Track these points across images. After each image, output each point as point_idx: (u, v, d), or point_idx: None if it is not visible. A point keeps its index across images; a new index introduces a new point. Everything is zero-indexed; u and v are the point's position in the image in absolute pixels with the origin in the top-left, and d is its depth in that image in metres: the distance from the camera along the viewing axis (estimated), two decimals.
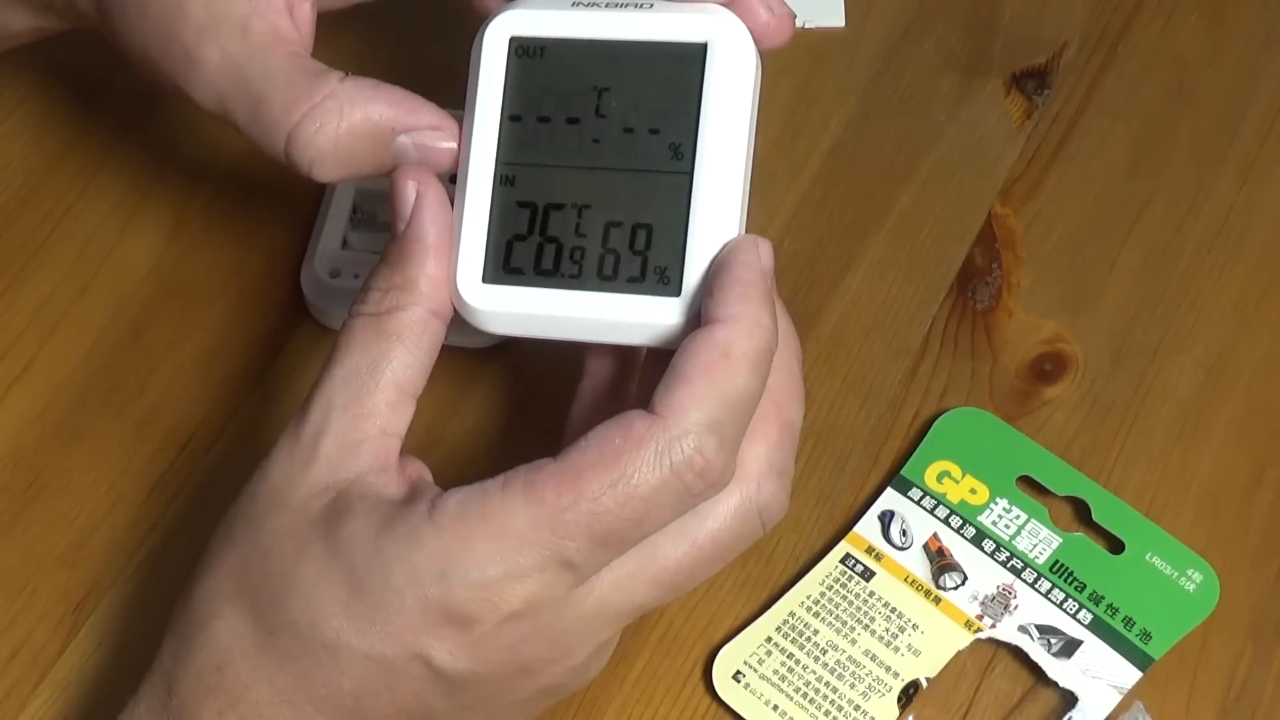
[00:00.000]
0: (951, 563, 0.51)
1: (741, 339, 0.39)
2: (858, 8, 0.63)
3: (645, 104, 0.41)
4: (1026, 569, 0.51)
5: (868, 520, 0.52)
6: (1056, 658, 0.49)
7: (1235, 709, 0.49)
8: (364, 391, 0.42)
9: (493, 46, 0.43)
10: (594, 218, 0.42)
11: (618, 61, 0.42)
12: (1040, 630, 0.50)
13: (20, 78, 0.62)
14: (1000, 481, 0.52)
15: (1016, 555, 0.51)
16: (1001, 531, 0.51)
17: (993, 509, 0.52)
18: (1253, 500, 0.53)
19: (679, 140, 0.41)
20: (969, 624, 0.50)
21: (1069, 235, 0.58)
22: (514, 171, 0.42)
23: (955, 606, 0.50)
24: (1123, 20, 0.63)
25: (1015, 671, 0.50)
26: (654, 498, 0.39)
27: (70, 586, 0.52)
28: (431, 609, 0.39)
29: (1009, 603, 0.50)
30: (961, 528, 0.51)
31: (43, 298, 0.57)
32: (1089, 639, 0.49)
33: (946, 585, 0.50)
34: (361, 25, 0.55)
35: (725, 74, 0.41)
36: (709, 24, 0.41)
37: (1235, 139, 0.60)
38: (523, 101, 0.43)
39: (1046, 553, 0.51)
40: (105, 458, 0.54)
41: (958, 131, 0.60)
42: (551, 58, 0.42)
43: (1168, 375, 0.55)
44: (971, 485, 0.52)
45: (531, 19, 0.43)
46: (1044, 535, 0.51)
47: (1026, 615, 0.50)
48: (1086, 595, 0.50)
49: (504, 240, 0.42)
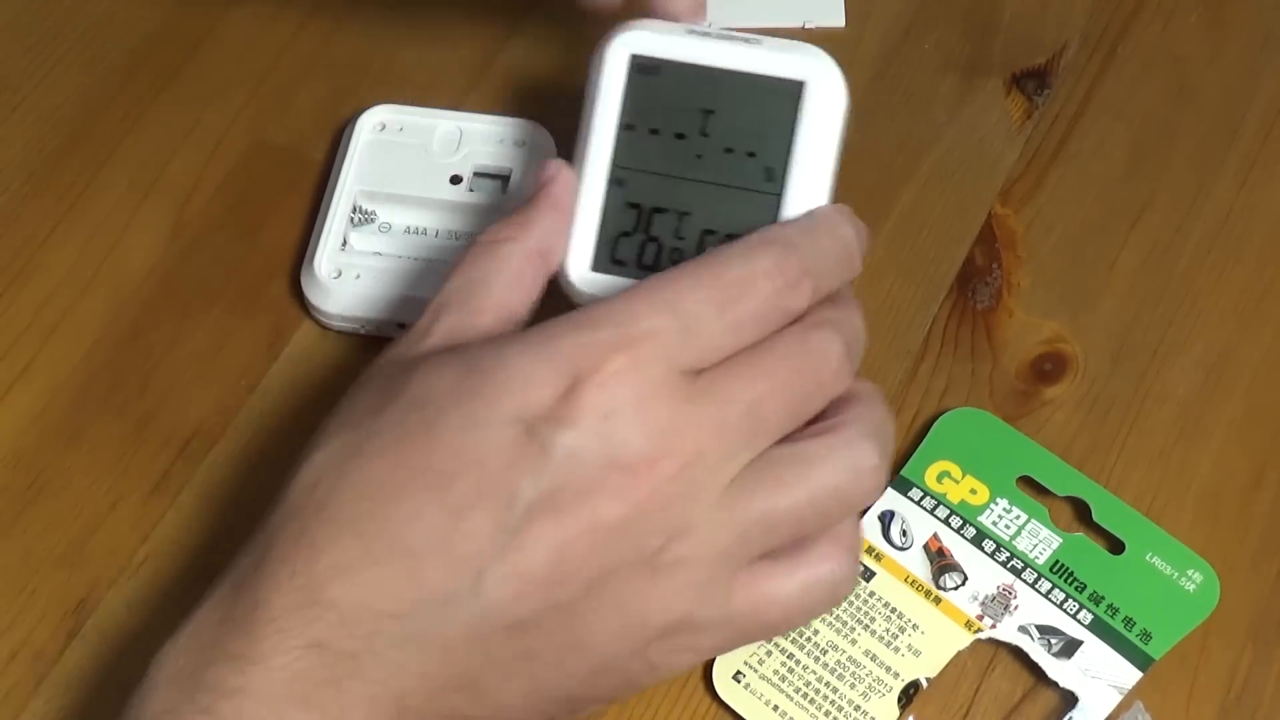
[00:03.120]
0: (952, 563, 0.51)
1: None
2: (858, 8, 0.63)
3: (745, 129, 0.47)
4: (1027, 569, 0.51)
5: (868, 521, 0.52)
6: (1057, 658, 0.49)
7: (1235, 709, 0.49)
8: (474, 296, 0.45)
9: (614, 60, 0.48)
10: (692, 224, 0.47)
11: (724, 88, 0.47)
12: (1040, 630, 0.50)
13: (21, 78, 0.62)
14: (1000, 482, 0.52)
15: (1017, 555, 0.51)
16: (1002, 532, 0.51)
17: (993, 509, 0.52)
18: (1253, 500, 0.53)
19: (773, 165, 0.47)
20: (969, 624, 0.50)
21: (1069, 235, 0.58)
22: (625, 175, 0.48)
23: (955, 607, 0.50)
24: (1123, 20, 0.63)
25: (1016, 672, 0.50)
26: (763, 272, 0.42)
27: (70, 586, 0.52)
28: (537, 369, 0.40)
29: (1009, 603, 0.50)
30: (962, 528, 0.51)
31: (43, 298, 0.57)
32: (1089, 639, 0.49)
33: (947, 585, 0.50)
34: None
35: (818, 110, 0.47)
36: (808, 65, 0.47)
37: (1235, 139, 0.60)
38: (637, 113, 0.48)
39: (1047, 553, 0.51)
40: (105, 458, 0.54)
41: (958, 131, 0.60)
42: (666, 77, 0.48)
43: (1168, 375, 0.55)
44: (972, 485, 0.52)
45: (651, 40, 0.48)
46: (1044, 535, 0.51)
47: (1027, 615, 0.50)
48: (1087, 595, 0.50)
49: (612, 235, 0.47)
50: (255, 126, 0.61)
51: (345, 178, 0.57)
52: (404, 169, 0.57)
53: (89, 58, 0.62)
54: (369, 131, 0.58)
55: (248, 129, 0.61)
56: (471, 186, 0.57)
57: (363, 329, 0.56)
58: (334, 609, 0.39)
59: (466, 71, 0.62)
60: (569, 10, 0.63)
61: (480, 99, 0.61)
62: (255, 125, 0.61)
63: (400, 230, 0.57)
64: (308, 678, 0.39)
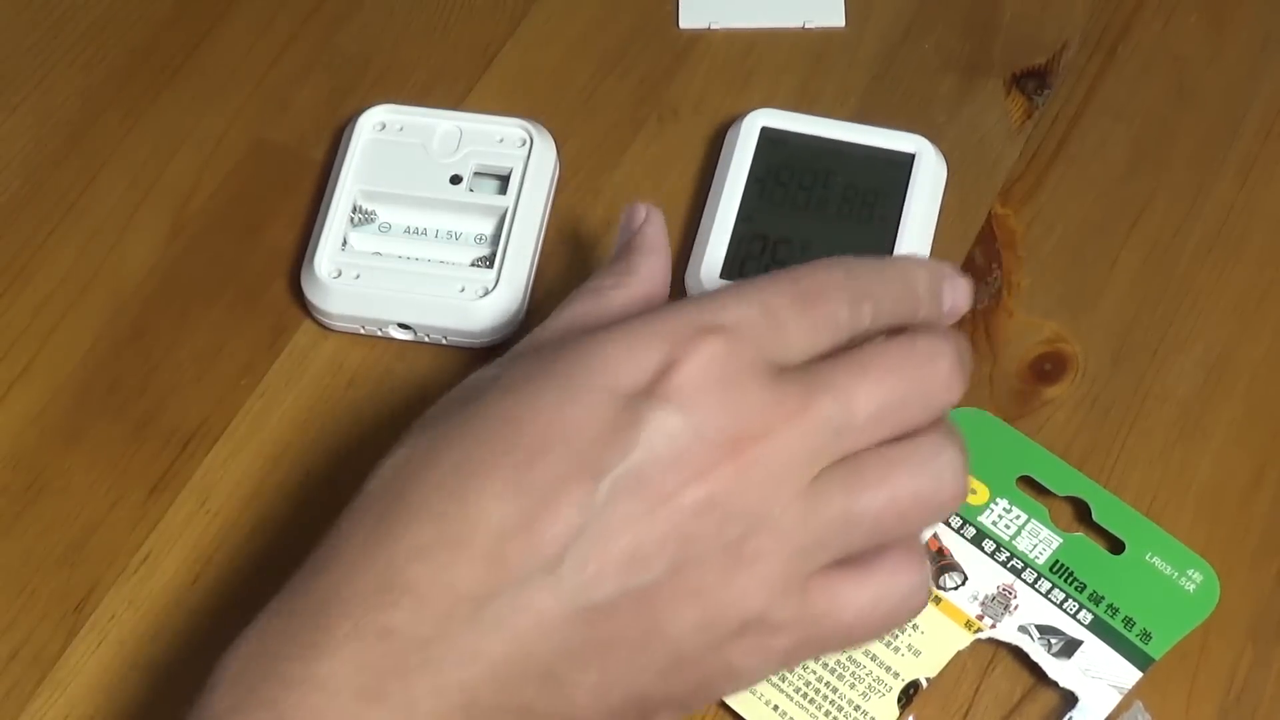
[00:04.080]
0: (951, 563, 0.51)
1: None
2: (858, 8, 0.63)
3: (862, 186, 0.57)
4: (1027, 569, 0.51)
5: None
6: (1057, 658, 0.49)
7: (1235, 709, 0.49)
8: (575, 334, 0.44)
9: (748, 131, 0.58)
10: (814, 251, 0.55)
11: (844, 156, 0.57)
12: (1040, 630, 0.50)
13: (21, 78, 0.62)
14: (1000, 482, 0.52)
15: (1017, 555, 0.51)
16: (1001, 532, 0.51)
17: (993, 509, 0.52)
18: (1253, 500, 0.53)
19: (886, 213, 0.56)
20: (969, 624, 0.50)
21: (1069, 235, 0.58)
22: (753, 213, 0.56)
23: (955, 607, 0.50)
24: (1123, 20, 0.63)
25: (1015, 671, 0.50)
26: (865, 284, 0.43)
27: (70, 586, 0.52)
28: (634, 348, 0.41)
29: (1009, 603, 0.50)
30: (961, 528, 0.51)
31: (43, 298, 0.57)
32: (1089, 639, 0.49)
33: (946, 585, 0.50)
34: None
35: (925, 175, 0.57)
36: (917, 141, 0.57)
37: (1235, 139, 0.60)
38: (765, 168, 0.57)
39: (1046, 553, 0.51)
40: (105, 458, 0.54)
41: (958, 131, 0.60)
42: (792, 145, 0.58)
43: (1168, 375, 0.55)
44: (971, 485, 0.52)
45: (780, 117, 0.58)
46: (1044, 535, 0.51)
47: (1027, 615, 0.50)
48: (1087, 595, 0.50)
49: (740, 257, 0.56)
50: (255, 126, 0.61)
51: (345, 177, 0.57)
52: (404, 169, 0.57)
53: (89, 58, 0.62)
54: (369, 131, 0.58)
55: (248, 129, 0.61)
56: (471, 186, 0.57)
57: (363, 329, 0.56)
58: (410, 592, 0.39)
59: (466, 71, 0.62)
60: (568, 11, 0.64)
61: (480, 99, 0.61)
62: (255, 125, 0.61)
63: (400, 230, 0.57)
64: (376, 667, 0.38)
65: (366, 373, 0.56)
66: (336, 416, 0.55)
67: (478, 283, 0.55)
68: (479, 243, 0.57)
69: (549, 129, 0.59)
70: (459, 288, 0.55)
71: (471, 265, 0.56)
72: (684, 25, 0.63)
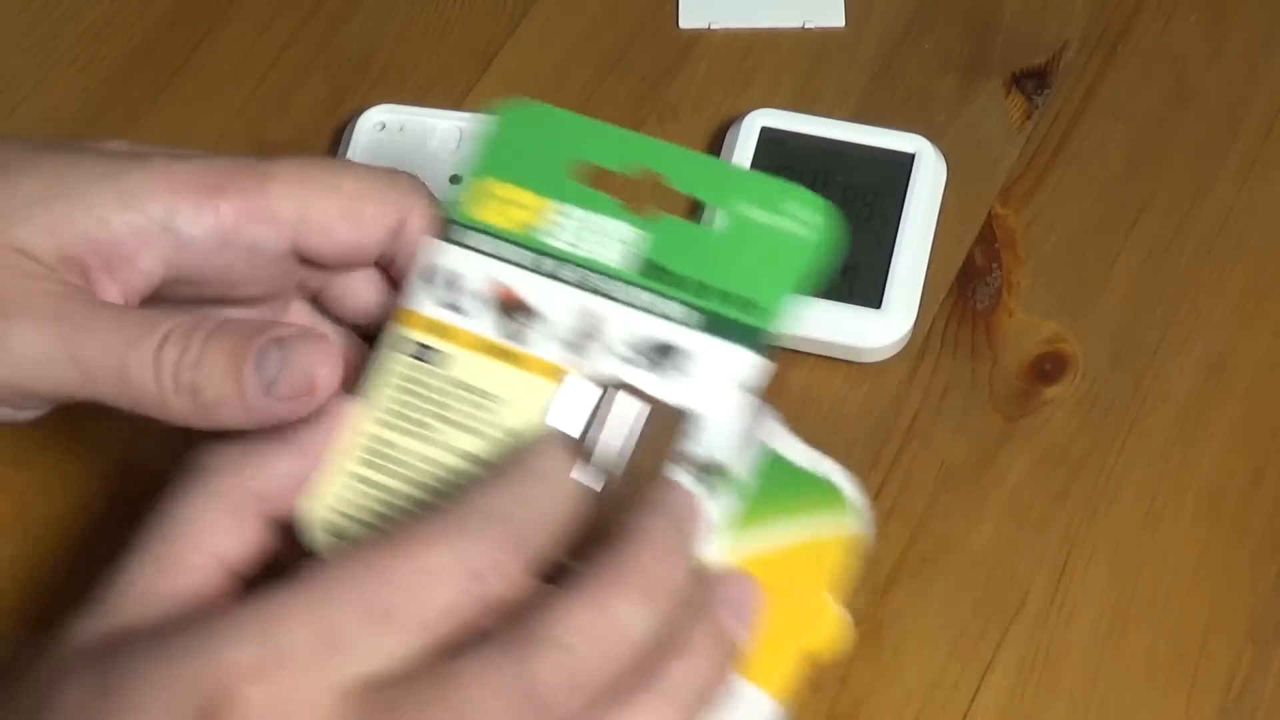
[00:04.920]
0: (519, 304, 0.42)
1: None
2: (858, 8, 0.63)
3: (862, 186, 0.57)
4: (613, 282, 0.42)
5: (415, 294, 0.42)
6: (665, 374, 0.41)
7: (1235, 709, 0.49)
8: (173, 541, 0.39)
9: (748, 131, 0.58)
10: None
11: (844, 156, 0.57)
12: (638, 350, 0.41)
13: (21, 78, 0.62)
14: (551, 180, 0.42)
15: (594, 269, 0.42)
16: (567, 245, 0.42)
17: (552, 220, 0.42)
18: (1253, 500, 0.53)
19: (886, 213, 0.56)
20: (554, 372, 0.41)
21: (1069, 235, 0.58)
22: None
23: (536, 357, 0.41)
24: (1123, 20, 0.63)
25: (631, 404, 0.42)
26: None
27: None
28: (160, 698, 0.34)
29: (596, 330, 0.41)
30: (521, 258, 0.42)
31: None
32: (698, 339, 0.41)
33: (521, 335, 0.41)
34: None
35: (925, 175, 0.57)
36: (917, 141, 0.58)
37: (1235, 139, 0.60)
38: (765, 168, 0.56)
39: (631, 254, 0.42)
40: (106, 457, 0.54)
41: (958, 131, 0.60)
42: (792, 145, 0.58)
43: (1168, 375, 0.55)
44: (522, 199, 0.42)
45: (780, 117, 0.58)
46: (622, 233, 0.42)
47: (619, 336, 0.41)
48: (689, 290, 0.42)
49: None
50: (255, 126, 0.61)
51: None
52: (404, 169, 0.57)
53: (89, 58, 0.63)
54: (369, 131, 0.58)
55: (248, 129, 0.61)
56: None
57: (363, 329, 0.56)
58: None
59: (466, 71, 0.62)
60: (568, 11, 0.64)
61: (480, 99, 0.61)
62: (255, 125, 0.61)
63: None
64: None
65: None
66: None
67: None
68: None
69: None
70: None
71: None
72: (684, 25, 0.63)
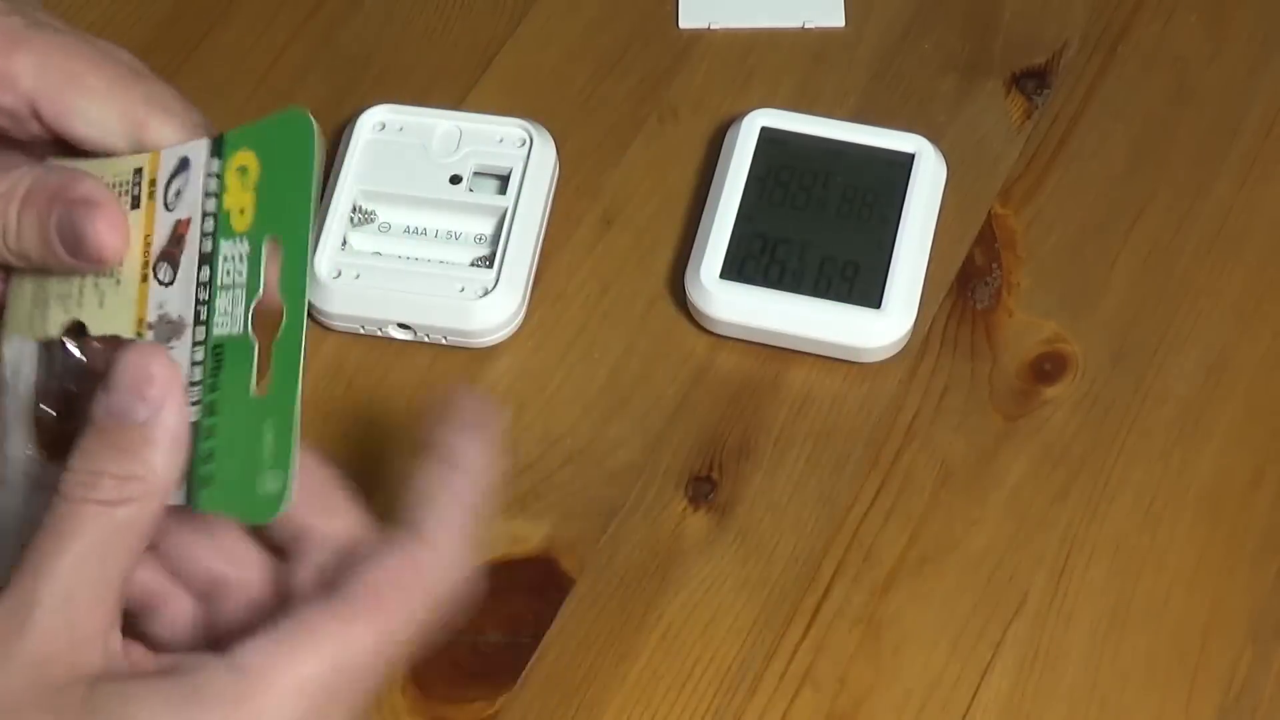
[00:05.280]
0: (175, 256, 0.41)
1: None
2: (858, 8, 0.63)
3: (862, 185, 0.57)
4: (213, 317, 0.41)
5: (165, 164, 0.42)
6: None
7: (1235, 709, 0.49)
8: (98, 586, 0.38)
9: (748, 131, 0.58)
10: (814, 251, 0.56)
11: (844, 156, 0.58)
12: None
13: None
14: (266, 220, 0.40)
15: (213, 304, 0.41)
16: (224, 276, 0.41)
17: (236, 246, 0.40)
18: (1253, 500, 0.53)
19: (886, 213, 0.56)
20: (138, 325, 0.41)
21: (1069, 235, 0.58)
22: (753, 213, 0.56)
23: (145, 301, 0.41)
24: (1123, 20, 0.63)
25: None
26: None
27: None
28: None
29: (177, 334, 0.41)
30: (205, 239, 0.41)
31: None
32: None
33: (158, 274, 0.41)
34: None
35: (925, 175, 0.57)
36: (917, 141, 0.58)
37: (1235, 139, 0.60)
38: (765, 168, 0.57)
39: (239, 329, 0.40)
40: None
41: (958, 131, 0.60)
42: (792, 145, 0.58)
43: (1168, 375, 0.55)
44: (249, 201, 0.41)
45: (780, 117, 0.58)
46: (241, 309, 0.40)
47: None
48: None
49: (740, 257, 0.56)
50: None
51: (345, 177, 0.57)
52: (404, 169, 0.57)
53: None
54: (369, 131, 0.58)
55: None
56: (471, 186, 0.57)
57: (362, 329, 0.56)
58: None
59: (466, 71, 0.62)
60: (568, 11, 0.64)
61: (480, 99, 0.61)
62: None
63: (400, 230, 0.57)
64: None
65: (366, 372, 0.56)
66: (336, 416, 0.55)
67: (477, 283, 0.55)
68: (479, 243, 0.57)
69: (549, 129, 0.59)
70: (459, 288, 0.55)
71: (471, 265, 0.56)
72: (684, 25, 0.63)
